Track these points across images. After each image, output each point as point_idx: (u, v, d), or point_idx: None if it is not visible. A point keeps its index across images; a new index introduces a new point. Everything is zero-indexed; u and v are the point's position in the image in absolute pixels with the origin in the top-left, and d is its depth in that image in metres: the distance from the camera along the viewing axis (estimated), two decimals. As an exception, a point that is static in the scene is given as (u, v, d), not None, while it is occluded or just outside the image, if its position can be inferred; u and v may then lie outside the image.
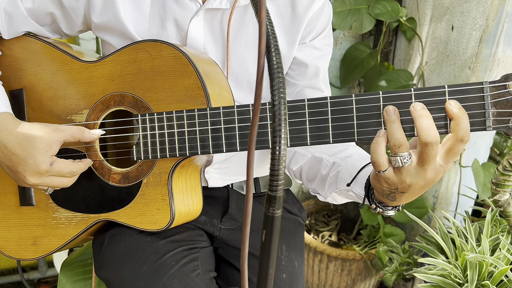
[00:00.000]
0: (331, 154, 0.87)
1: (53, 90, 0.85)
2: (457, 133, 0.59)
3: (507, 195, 1.13)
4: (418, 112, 0.60)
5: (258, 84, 0.41)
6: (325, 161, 0.86)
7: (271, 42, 0.43)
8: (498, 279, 1.10)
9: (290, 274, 0.91)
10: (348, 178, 0.78)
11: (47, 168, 0.73)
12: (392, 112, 0.61)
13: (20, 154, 0.72)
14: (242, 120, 0.69)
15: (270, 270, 0.45)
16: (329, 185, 0.84)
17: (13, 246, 0.90)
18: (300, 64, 0.92)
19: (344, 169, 0.81)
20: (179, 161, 0.76)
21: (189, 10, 0.82)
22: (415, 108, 0.60)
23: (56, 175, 0.75)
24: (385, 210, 0.72)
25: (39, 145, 0.72)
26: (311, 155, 0.91)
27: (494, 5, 1.38)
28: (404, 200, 0.67)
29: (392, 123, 0.61)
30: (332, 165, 0.84)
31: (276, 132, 0.41)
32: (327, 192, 0.85)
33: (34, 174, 0.73)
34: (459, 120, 0.59)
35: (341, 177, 0.80)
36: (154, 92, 0.77)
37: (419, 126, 0.59)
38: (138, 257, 0.82)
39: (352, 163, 0.81)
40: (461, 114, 0.59)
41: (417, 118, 0.60)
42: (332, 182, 0.83)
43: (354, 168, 0.79)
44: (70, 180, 0.78)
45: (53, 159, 0.74)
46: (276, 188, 0.41)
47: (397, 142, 0.61)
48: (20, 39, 0.88)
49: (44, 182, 0.75)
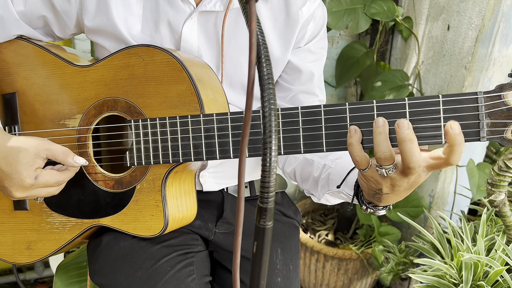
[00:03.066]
0: (322, 156, 0.87)
1: (45, 94, 0.85)
2: (449, 159, 0.58)
3: (502, 195, 1.13)
4: (402, 135, 0.58)
5: (249, 95, 0.41)
6: (316, 163, 0.87)
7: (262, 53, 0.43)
8: (493, 279, 1.10)
9: (285, 277, 0.91)
10: (338, 179, 0.79)
11: (32, 182, 0.73)
12: (381, 123, 0.60)
13: (5, 170, 0.72)
14: (236, 127, 0.68)
15: (261, 281, 0.45)
16: (321, 186, 0.85)
17: (8, 250, 0.89)
18: (294, 69, 0.91)
19: (335, 171, 0.81)
20: (173, 167, 0.76)
21: (183, 12, 0.82)
22: (400, 128, 0.58)
23: (42, 186, 0.75)
24: (375, 210, 0.72)
25: (23, 159, 0.72)
26: (302, 157, 0.92)
27: (490, 4, 1.38)
28: (391, 200, 0.67)
29: (379, 134, 0.60)
30: (323, 167, 0.85)
31: (267, 144, 0.40)
32: (320, 194, 0.86)
33: (19, 188, 0.73)
34: (455, 147, 0.57)
35: (332, 179, 0.81)
36: (147, 98, 0.76)
37: (402, 150, 0.58)
38: (133, 262, 0.82)
39: (342, 164, 0.81)
40: (459, 141, 0.57)
41: (401, 141, 0.58)
42: (324, 184, 0.83)
43: (344, 169, 0.79)
44: (57, 188, 0.78)
45: (37, 172, 0.73)
46: (267, 200, 0.41)
47: (382, 155, 0.60)
48: (12, 43, 0.87)
49: (31, 195, 0.75)
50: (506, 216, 1.18)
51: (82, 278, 1.06)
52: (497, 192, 1.12)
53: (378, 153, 0.60)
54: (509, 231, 1.19)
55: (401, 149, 0.58)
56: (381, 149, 0.60)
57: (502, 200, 1.14)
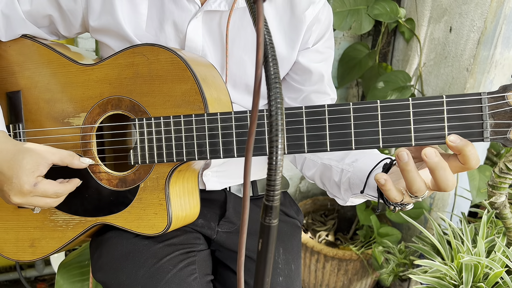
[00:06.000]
0: (338, 160, 0.87)
1: (50, 92, 0.85)
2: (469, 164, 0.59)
3: (503, 197, 1.13)
4: (432, 164, 0.57)
5: (256, 94, 0.41)
6: (334, 168, 0.87)
7: (268, 52, 0.43)
8: (493, 281, 1.10)
9: (287, 277, 0.92)
10: (359, 183, 0.79)
11: (30, 189, 0.73)
12: (406, 158, 0.58)
13: (7, 173, 0.72)
14: (240, 126, 0.69)
15: (266, 278, 0.45)
16: (344, 190, 0.85)
17: (11, 247, 0.90)
18: (304, 70, 0.92)
19: (354, 175, 0.81)
20: (177, 166, 0.76)
21: (188, 12, 0.82)
22: (428, 158, 0.58)
23: (41, 195, 0.75)
24: (403, 207, 0.71)
25: (26, 166, 0.72)
26: (320, 161, 0.92)
27: (493, 7, 1.38)
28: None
29: (408, 172, 0.59)
30: (341, 172, 0.85)
31: (273, 143, 0.41)
32: (344, 197, 0.86)
33: (17, 193, 0.73)
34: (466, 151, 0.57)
35: (353, 183, 0.81)
36: (151, 96, 0.77)
37: (436, 177, 0.58)
38: (135, 261, 0.82)
39: (360, 167, 0.81)
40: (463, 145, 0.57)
41: (433, 170, 0.58)
42: (346, 188, 0.83)
43: (362, 172, 0.79)
44: (55, 200, 0.78)
45: (38, 179, 0.73)
46: (273, 198, 0.41)
47: (418, 189, 0.60)
48: (18, 41, 0.87)
49: (29, 202, 0.75)
50: (507, 218, 1.18)
51: (85, 276, 1.07)
52: (498, 194, 1.13)
53: (413, 189, 0.60)
54: (509, 233, 1.20)
55: (435, 177, 0.58)
56: (415, 186, 0.60)
57: (503, 202, 1.15)
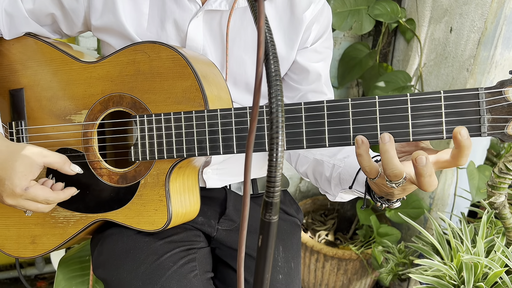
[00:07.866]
0: (330, 156, 0.88)
1: (52, 90, 0.86)
2: (457, 162, 0.58)
3: (502, 198, 1.14)
4: (420, 170, 0.57)
5: (256, 91, 0.41)
6: (326, 163, 0.88)
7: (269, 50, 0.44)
8: (492, 280, 1.10)
9: (286, 275, 0.92)
10: (349, 178, 0.80)
11: (21, 192, 0.73)
12: (387, 139, 0.59)
13: (0, 175, 0.73)
14: (239, 122, 0.69)
15: (266, 275, 0.45)
16: (334, 185, 0.85)
17: (12, 244, 0.90)
18: (302, 69, 0.92)
19: (344, 170, 0.82)
20: (177, 162, 0.77)
21: (189, 11, 0.83)
22: (418, 164, 0.57)
23: (31, 200, 0.75)
24: (390, 204, 0.72)
25: (18, 168, 0.73)
26: (312, 157, 0.92)
27: (493, 7, 1.39)
28: (403, 194, 0.68)
29: (385, 152, 0.59)
30: (332, 167, 0.85)
31: (274, 139, 0.41)
32: (334, 192, 0.86)
33: (10, 195, 0.74)
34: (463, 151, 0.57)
35: (343, 179, 0.82)
36: (152, 93, 0.77)
37: (420, 182, 0.59)
38: (136, 258, 0.83)
39: (350, 163, 0.82)
40: (468, 145, 0.57)
41: (419, 175, 0.58)
42: (337, 183, 0.84)
43: (353, 168, 0.80)
44: (47, 207, 0.78)
45: (30, 183, 0.74)
46: (273, 194, 0.41)
47: (392, 173, 0.60)
48: (20, 39, 0.88)
49: (20, 204, 0.76)
50: (506, 218, 1.18)
51: (85, 272, 1.07)
52: (497, 194, 1.13)
53: (388, 171, 0.60)
54: (508, 233, 1.20)
55: (419, 182, 0.59)
56: (390, 167, 0.59)
57: (502, 202, 1.15)
